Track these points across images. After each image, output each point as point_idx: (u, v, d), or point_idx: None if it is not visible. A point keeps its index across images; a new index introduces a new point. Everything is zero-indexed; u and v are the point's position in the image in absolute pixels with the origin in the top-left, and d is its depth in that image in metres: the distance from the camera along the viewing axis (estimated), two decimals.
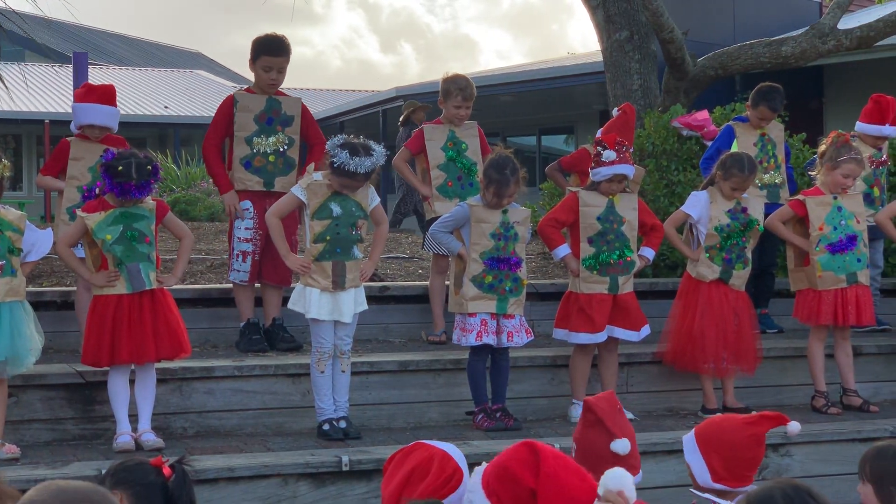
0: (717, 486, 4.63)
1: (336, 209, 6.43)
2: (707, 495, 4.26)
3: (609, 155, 7.12)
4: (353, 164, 6.32)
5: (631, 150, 7.45)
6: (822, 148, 7.80)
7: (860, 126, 9.09)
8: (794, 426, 4.81)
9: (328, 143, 6.51)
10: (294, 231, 7.17)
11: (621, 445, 4.28)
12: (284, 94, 7.89)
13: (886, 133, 8.96)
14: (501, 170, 6.84)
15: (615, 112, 8.74)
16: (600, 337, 7.12)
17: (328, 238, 6.42)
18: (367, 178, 6.46)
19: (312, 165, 6.92)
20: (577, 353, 7.23)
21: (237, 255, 7.63)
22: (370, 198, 6.57)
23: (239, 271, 7.62)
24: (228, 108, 7.75)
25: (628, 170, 7.17)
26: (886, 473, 4.29)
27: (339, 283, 6.44)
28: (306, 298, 6.44)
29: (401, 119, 10.32)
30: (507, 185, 6.81)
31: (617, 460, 4.21)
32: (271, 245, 6.90)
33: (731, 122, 9.03)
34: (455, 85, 8.27)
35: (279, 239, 6.58)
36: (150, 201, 6.32)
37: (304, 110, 7.86)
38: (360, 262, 6.53)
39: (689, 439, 4.75)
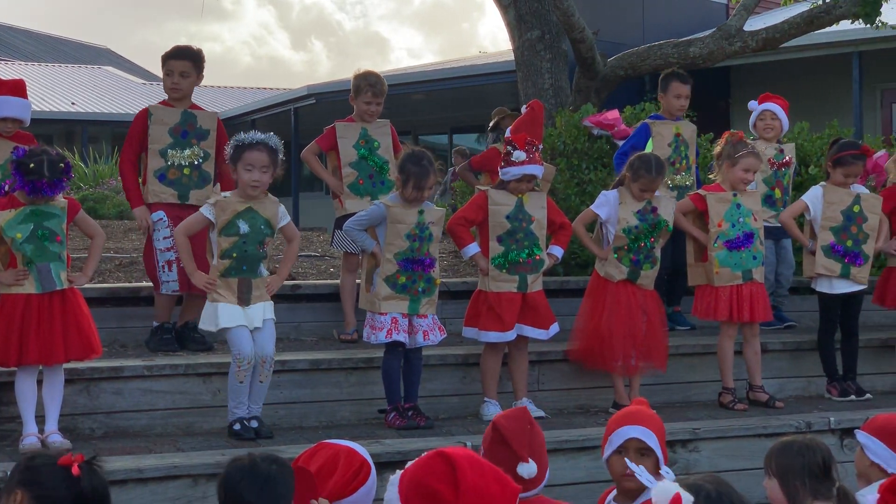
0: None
1: (244, 227, 6.37)
2: (638, 471, 4.28)
3: (519, 155, 7.15)
4: (245, 137, 6.38)
5: (540, 148, 7.48)
6: (718, 149, 7.93)
7: (750, 124, 9.25)
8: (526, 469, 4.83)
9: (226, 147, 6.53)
10: (203, 249, 7.01)
11: (526, 469, 4.30)
12: (200, 108, 7.82)
13: (760, 108, 9.09)
14: (419, 161, 6.84)
15: (524, 109, 8.77)
16: (509, 335, 7.14)
17: (235, 255, 6.36)
18: (268, 149, 6.39)
19: (218, 186, 6.86)
20: (487, 352, 7.25)
21: (163, 267, 7.52)
22: (280, 215, 6.53)
23: (168, 282, 7.51)
24: (142, 121, 7.66)
25: (537, 170, 7.20)
26: (791, 468, 4.37)
27: (244, 300, 6.39)
28: (215, 313, 6.39)
29: (490, 125, 10.21)
30: (427, 177, 6.81)
31: (521, 478, 4.25)
32: (198, 251, 6.79)
33: (647, 120, 9.11)
34: (365, 81, 8.27)
35: (186, 257, 6.49)
36: (61, 199, 6.22)
37: (220, 126, 7.80)
38: (265, 279, 6.49)
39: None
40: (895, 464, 4.79)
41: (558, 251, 7.43)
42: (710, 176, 8.24)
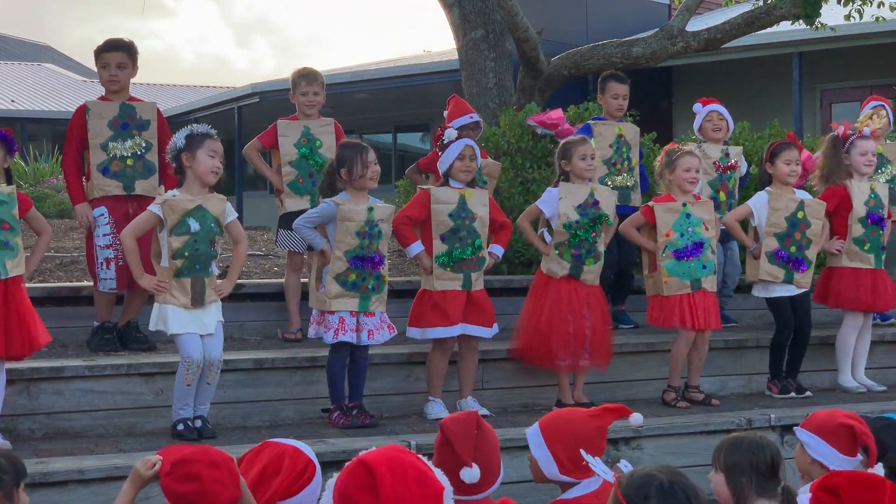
0: (564, 477, 4.70)
1: (194, 225, 6.33)
2: (589, 459, 4.31)
3: (450, 133, 7.23)
4: (199, 127, 6.41)
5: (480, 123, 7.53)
6: (658, 167, 7.95)
7: (695, 126, 9.31)
8: (636, 418, 4.91)
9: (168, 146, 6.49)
10: (149, 250, 6.94)
11: (468, 475, 4.31)
12: (138, 100, 7.76)
13: (706, 110, 9.17)
14: (353, 144, 6.92)
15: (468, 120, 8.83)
16: (454, 331, 7.13)
17: (187, 254, 6.32)
18: (219, 141, 6.42)
19: (162, 188, 6.82)
20: (435, 351, 7.24)
21: (101, 264, 7.46)
22: (227, 213, 6.51)
23: (106, 279, 7.46)
24: (80, 118, 7.60)
25: (471, 142, 7.30)
26: (739, 464, 4.41)
27: (198, 300, 6.35)
28: (165, 317, 6.34)
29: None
30: (367, 151, 6.84)
31: (463, 482, 4.26)
32: (141, 248, 6.73)
33: (589, 121, 9.17)
34: (299, 74, 8.37)
35: (133, 260, 6.43)
36: (6, 186, 6.16)
37: (160, 116, 7.75)
38: (216, 278, 6.46)
39: (533, 432, 4.82)
40: (836, 460, 4.86)
41: (499, 250, 7.45)
42: (657, 191, 8.29)
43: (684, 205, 7.69)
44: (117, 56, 7.64)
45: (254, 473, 4.20)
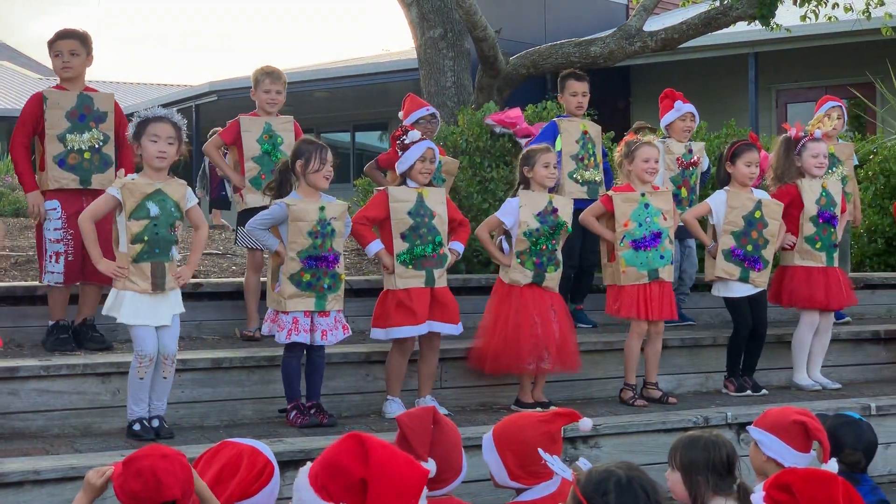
0: (514, 483, 4.72)
1: (154, 209, 6.29)
2: (547, 458, 4.32)
3: (414, 134, 7.23)
4: (148, 111, 6.39)
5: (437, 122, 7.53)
6: (617, 157, 7.99)
7: (665, 121, 9.35)
8: (586, 423, 4.92)
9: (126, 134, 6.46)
10: (110, 236, 6.90)
11: (428, 467, 4.31)
12: (95, 91, 7.71)
13: (685, 109, 9.22)
14: (313, 141, 6.91)
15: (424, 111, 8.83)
16: (422, 329, 7.13)
17: (146, 238, 6.28)
18: (172, 123, 6.39)
19: (122, 171, 6.78)
20: (395, 351, 7.23)
21: (50, 257, 7.40)
22: (187, 198, 6.47)
23: (53, 273, 7.40)
24: (36, 105, 7.53)
25: (433, 144, 7.34)
26: (695, 463, 4.44)
27: (158, 285, 6.31)
28: (121, 304, 6.29)
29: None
30: (325, 149, 6.84)
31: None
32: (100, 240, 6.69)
33: (555, 119, 9.19)
34: (262, 71, 8.38)
35: (92, 244, 6.39)
36: None
37: (118, 107, 7.70)
38: (175, 263, 6.42)
39: (487, 439, 4.83)
40: (791, 457, 4.89)
41: (459, 247, 7.46)
42: (615, 181, 8.31)
43: (643, 195, 7.72)
44: (69, 43, 7.59)
45: (212, 474, 4.19)
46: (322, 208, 6.81)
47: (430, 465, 4.31)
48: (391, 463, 3.46)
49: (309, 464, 3.61)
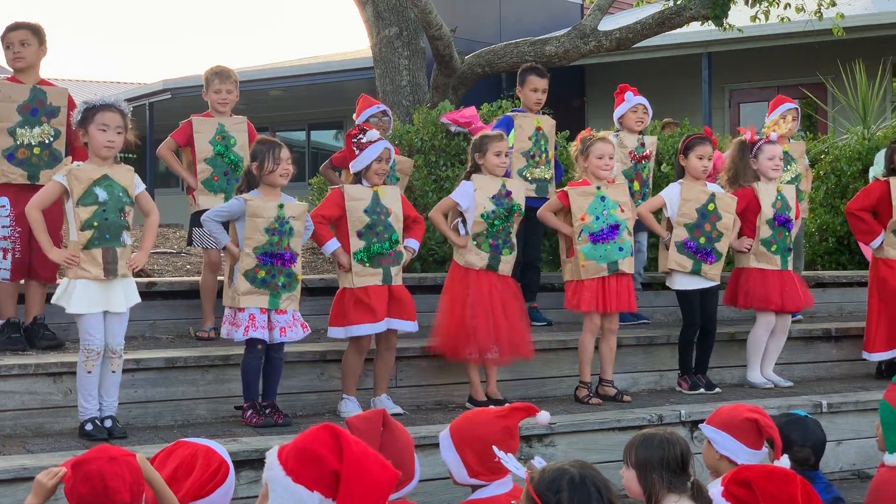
0: (473, 480, 4.73)
1: (102, 194, 6.23)
2: (502, 456, 4.33)
3: (372, 134, 7.23)
4: (96, 99, 6.35)
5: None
6: (573, 153, 8.02)
7: (617, 113, 9.39)
8: (543, 416, 4.93)
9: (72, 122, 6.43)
10: (59, 227, 6.84)
11: None
12: (50, 84, 7.65)
13: (636, 100, 9.26)
14: (267, 141, 6.89)
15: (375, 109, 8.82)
16: (381, 326, 7.12)
17: (96, 224, 6.22)
18: (120, 111, 6.35)
19: (69, 158, 6.73)
20: (351, 349, 7.22)
21: None
22: (136, 184, 6.43)
23: (0, 269, 7.35)
24: None
25: (389, 144, 7.35)
26: (649, 461, 4.46)
27: (110, 271, 6.24)
28: (71, 293, 6.23)
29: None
30: (281, 147, 6.83)
31: None
32: (50, 230, 6.63)
33: (509, 113, 9.21)
34: (212, 72, 8.35)
35: (41, 233, 6.33)
36: None
37: (71, 102, 7.64)
38: (129, 249, 6.37)
39: (444, 437, 4.83)
40: (743, 455, 4.93)
41: (415, 244, 7.46)
42: (571, 176, 8.34)
43: (598, 188, 7.75)
44: (20, 34, 7.54)
45: (166, 473, 4.17)
46: (281, 206, 6.79)
47: None
48: (364, 461, 3.46)
49: (273, 450, 3.58)
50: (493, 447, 4.48)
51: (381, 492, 3.47)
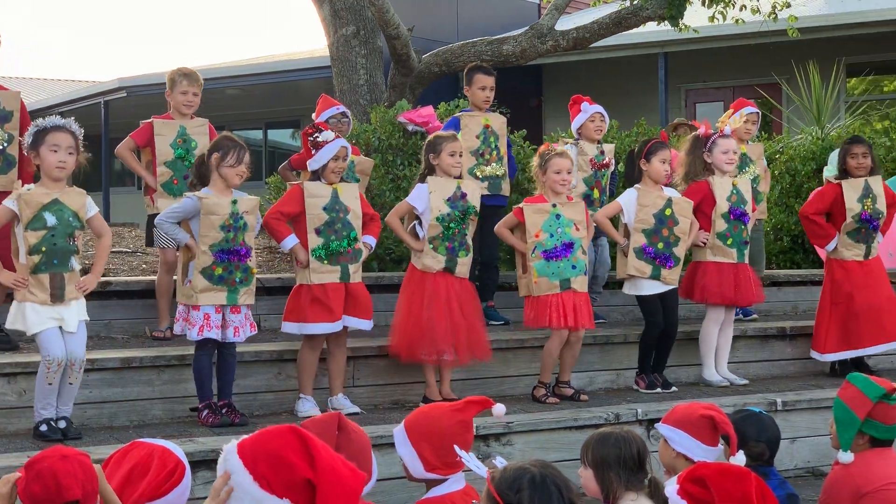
0: (430, 475, 4.72)
1: (51, 219, 6.19)
2: (462, 454, 4.32)
3: (327, 135, 7.22)
4: (46, 121, 6.29)
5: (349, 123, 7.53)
6: (533, 169, 8.01)
7: (576, 124, 9.42)
8: (499, 408, 4.94)
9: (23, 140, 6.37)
10: (9, 250, 6.75)
11: None
12: (3, 88, 7.58)
13: (592, 109, 9.28)
14: (234, 139, 6.87)
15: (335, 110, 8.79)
16: (337, 326, 7.12)
17: (44, 249, 6.17)
18: (71, 133, 6.29)
19: (20, 182, 6.66)
20: (305, 348, 7.21)
21: None
22: (87, 207, 6.38)
23: None
24: None
25: (346, 142, 7.35)
26: (606, 459, 4.48)
27: (57, 296, 6.20)
28: (24, 314, 6.19)
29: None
30: (243, 148, 6.82)
31: None
32: (1, 251, 6.57)
33: (457, 114, 9.21)
34: (179, 73, 8.26)
35: None
36: None
37: (23, 106, 7.57)
38: (77, 273, 6.33)
39: (399, 432, 4.82)
40: (700, 452, 4.95)
41: (371, 240, 7.46)
42: (526, 180, 8.35)
43: (554, 206, 7.76)
44: None
45: (121, 474, 4.14)
46: (234, 202, 6.77)
47: None
48: (335, 466, 3.43)
49: (233, 443, 3.53)
50: (455, 447, 4.48)
51: (354, 498, 3.45)
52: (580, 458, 4.61)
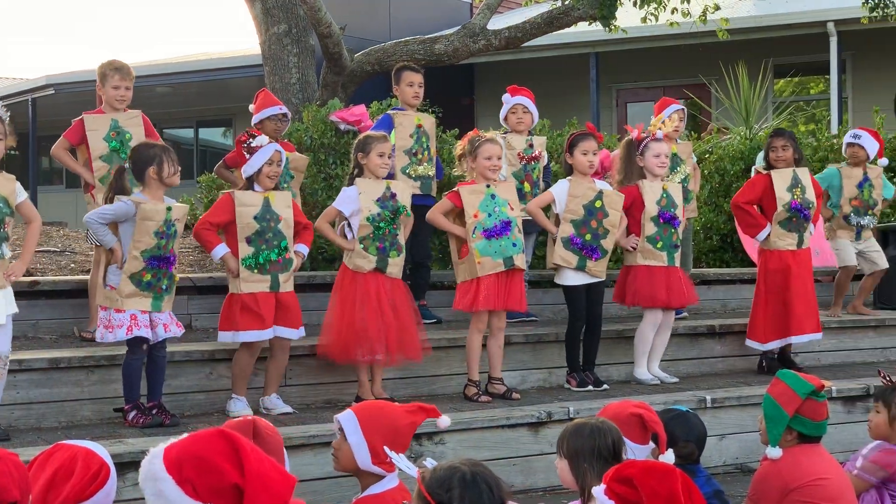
0: (375, 468, 4.71)
1: None
2: (393, 455, 4.31)
3: (261, 139, 7.19)
4: None
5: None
6: (459, 151, 8.03)
7: (501, 116, 9.45)
8: (444, 420, 4.95)
9: None
10: None
11: None
12: None
13: (513, 101, 9.30)
14: (157, 144, 6.83)
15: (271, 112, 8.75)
16: (268, 334, 7.10)
17: None
18: None
19: None
20: (242, 351, 7.16)
21: None
22: (17, 193, 6.30)
23: None
24: None
25: (279, 147, 7.33)
26: (581, 450, 4.52)
27: None
28: None
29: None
30: (171, 151, 6.76)
31: None
32: None
33: (389, 111, 9.20)
34: (111, 66, 8.15)
35: None
36: None
37: None
38: (7, 261, 6.24)
39: (350, 419, 4.78)
40: (629, 450, 4.99)
41: (304, 249, 7.44)
42: (454, 171, 8.34)
43: (488, 186, 7.80)
44: None
45: (45, 478, 4.08)
46: (169, 209, 6.73)
47: None
48: (265, 471, 3.40)
49: (161, 447, 3.50)
50: (385, 448, 4.48)
51: (282, 501, 3.44)
52: (556, 450, 4.65)
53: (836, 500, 5.41)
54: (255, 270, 7.10)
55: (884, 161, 10.50)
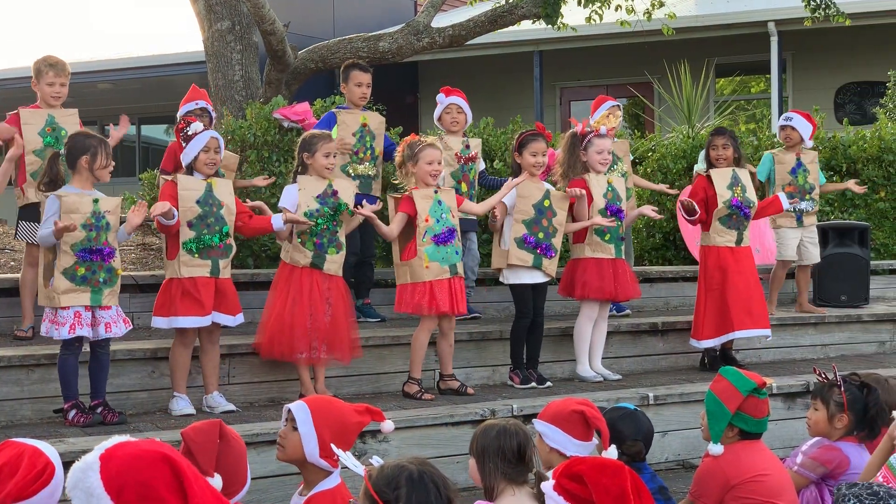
0: (321, 462, 4.70)
1: None
2: (340, 453, 4.30)
3: (196, 126, 7.16)
4: None
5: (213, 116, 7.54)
6: (399, 159, 7.99)
7: (435, 116, 9.46)
8: (388, 425, 4.95)
9: None
10: None
11: (214, 483, 4.24)
12: None
13: (447, 101, 9.32)
14: (92, 135, 6.75)
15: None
16: (207, 320, 7.05)
17: None
18: None
19: None
20: (178, 345, 7.12)
21: None
22: None
23: None
24: None
25: (217, 134, 7.30)
26: (487, 449, 4.54)
27: None
28: None
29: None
30: (108, 145, 6.70)
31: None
32: None
33: (333, 109, 9.17)
34: (45, 63, 8.09)
35: None
36: None
37: None
38: None
39: (302, 409, 4.75)
40: (572, 447, 5.02)
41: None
42: (394, 181, 8.31)
43: (435, 191, 7.81)
44: None
45: None
46: (96, 201, 6.66)
47: (216, 481, 4.26)
48: (206, 501, 3.36)
49: (95, 455, 3.44)
50: (332, 445, 4.48)
51: None
52: (469, 450, 4.67)
53: (776, 496, 5.47)
54: (196, 255, 7.06)
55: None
